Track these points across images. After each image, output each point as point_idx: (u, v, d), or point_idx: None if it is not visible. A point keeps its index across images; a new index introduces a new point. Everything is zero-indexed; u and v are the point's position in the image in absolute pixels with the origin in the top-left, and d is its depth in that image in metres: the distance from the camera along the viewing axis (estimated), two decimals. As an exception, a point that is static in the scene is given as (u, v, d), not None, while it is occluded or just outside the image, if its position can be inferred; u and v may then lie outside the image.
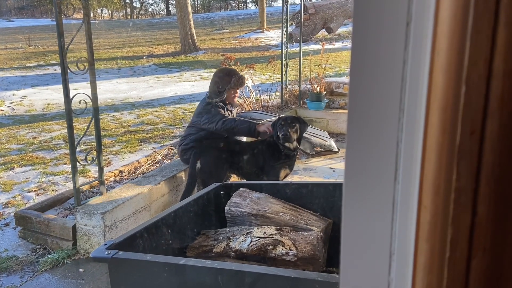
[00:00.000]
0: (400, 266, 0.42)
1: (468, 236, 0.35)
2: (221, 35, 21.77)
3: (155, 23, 30.57)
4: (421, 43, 0.38)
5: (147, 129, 6.54)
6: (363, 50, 0.40)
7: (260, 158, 3.58)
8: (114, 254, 1.59)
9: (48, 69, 13.29)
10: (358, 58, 0.40)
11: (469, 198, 0.34)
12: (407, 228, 0.41)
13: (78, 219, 3.25)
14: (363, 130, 0.41)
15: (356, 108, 0.41)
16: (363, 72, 0.40)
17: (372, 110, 0.41)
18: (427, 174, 0.38)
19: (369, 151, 0.42)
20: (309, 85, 6.75)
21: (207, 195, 2.30)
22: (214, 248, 1.97)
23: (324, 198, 2.27)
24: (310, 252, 1.78)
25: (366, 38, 0.40)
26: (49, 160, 5.20)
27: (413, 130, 0.40)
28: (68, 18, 3.29)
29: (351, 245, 0.45)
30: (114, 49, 17.89)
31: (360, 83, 0.41)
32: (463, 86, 0.33)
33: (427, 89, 0.37)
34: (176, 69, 13.26)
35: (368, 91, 0.41)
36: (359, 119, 0.41)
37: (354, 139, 0.42)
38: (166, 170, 4.07)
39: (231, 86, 3.82)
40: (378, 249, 0.43)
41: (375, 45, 0.40)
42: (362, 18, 0.39)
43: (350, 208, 0.44)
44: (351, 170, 0.43)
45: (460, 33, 0.33)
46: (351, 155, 0.42)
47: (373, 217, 0.43)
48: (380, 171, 0.42)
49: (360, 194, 0.43)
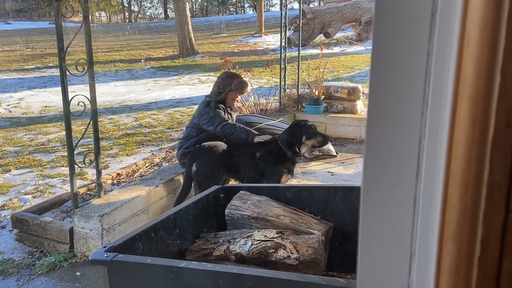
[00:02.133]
0: (421, 267, 0.40)
1: (501, 234, 0.33)
2: (219, 39, 21.80)
3: (153, 26, 30.59)
4: (447, 34, 0.36)
5: (145, 132, 6.52)
6: (384, 43, 0.39)
7: (260, 163, 3.56)
8: (114, 256, 1.56)
9: (46, 71, 13.24)
10: (379, 51, 0.39)
11: (502, 194, 0.32)
12: (429, 228, 0.40)
13: (75, 222, 3.21)
14: (383, 125, 0.40)
15: (376, 102, 0.40)
16: (385, 65, 0.39)
17: (394, 105, 0.39)
18: (454, 171, 0.36)
19: (390, 148, 0.40)
20: (307, 89, 6.74)
21: (206, 198, 2.28)
22: (214, 251, 1.94)
23: (325, 202, 2.25)
24: (312, 256, 1.76)
25: (388, 30, 0.38)
26: (46, 162, 5.16)
27: (437, 125, 0.38)
28: (67, 21, 3.27)
29: (369, 245, 0.43)
30: (112, 52, 17.87)
31: (381, 76, 0.39)
32: (498, 76, 0.31)
33: (454, 81, 0.36)
34: (174, 72, 13.25)
35: (390, 85, 0.39)
36: (379, 114, 0.40)
37: (374, 135, 0.40)
38: (164, 173, 4.04)
39: (231, 88, 3.82)
40: (398, 250, 0.42)
41: (397, 37, 0.38)
42: (384, 9, 0.38)
43: (368, 207, 0.42)
44: (370, 167, 0.41)
45: (493, 21, 0.31)
46: (370, 151, 0.41)
47: (392, 216, 0.41)
48: (401, 168, 0.40)
49: (379, 192, 0.41)
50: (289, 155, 3.51)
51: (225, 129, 3.65)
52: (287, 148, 3.50)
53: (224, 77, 3.90)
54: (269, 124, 5.23)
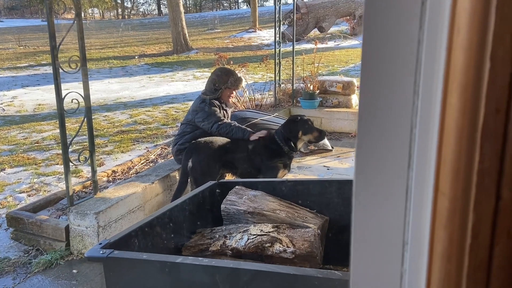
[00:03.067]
0: (414, 256, 0.40)
1: (491, 221, 0.33)
2: (213, 34, 21.72)
3: (146, 23, 30.43)
4: (438, 22, 0.36)
5: (140, 129, 6.49)
6: (375, 31, 0.38)
7: (257, 158, 3.56)
8: (109, 253, 1.56)
9: (39, 69, 13.15)
10: (370, 40, 0.39)
11: (493, 181, 0.32)
12: (421, 217, 0.40)
13: (71, 219, 3.20)
14: (375, 115, 0.40)
15: (368, 92, 0.39)
16: (375, 54, 0.39)
17: (385, 94, 0.39)
18: (445, 158, 0.36)
19: (381, 137, 0.40)
20: (302, 84, 6.74)
21: (202, 193, 2.27)
22: (210, 246, 1.94)
23: (321, 195, 2.26)
24: (308, 249, 1.77)
25: (378, 18, 0.38)
26: (41, 160, 5.14)
27: (428, 114, 0.38)
28: (59, 18, 3.24)
29: (362, 235, 0.43)
30: (106, 49, 17.77)
31: (372, 65, 0.39)
32: (488, 62, 0.31)
33: (445, 69, 0.35)
34: (169, 68, 13.20)
35: (381, 74, 0.39)
36: (371, 104, 0.40)
37: (366, 124, 0.40)
38: (159, 170, 4.04)
39: (227, 85, 3.81)
40: (391, 239, 0.42)
41: (388, 26, 0.38)
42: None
43: (361, 197, 0.42)
44: (362, 157, 0.41)
45: (483, 7, 0.31)
46: (362, 141, 0.41)
47: (385, 205, 0.41)
48: (392, 158, 0.40)
49: (372, 182, 0.41)
50: (286, 150, 3.52)
51: (220, 128, 3.65)
52: (283, 143, 3.50)
53: (219, 74, 3.87)
54: (264, 119, 5.23)
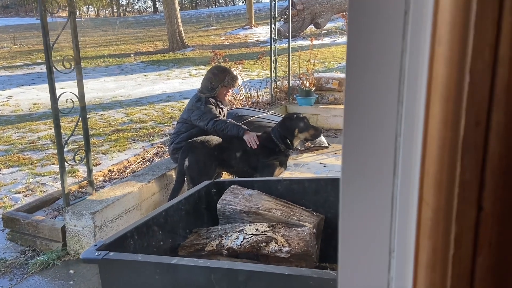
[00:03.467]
0: (400, 264, 0.41)
1: (474, 232, 0.33)
2: (209, 31, 21.66)
3: (142, 20, 30.31)
4: (420, 32, 0.36)
5: (136, 128, 6.48)
6: (359, 40, 0.38)
7: (253, 157, 3.56)
8: (105, 255, 1.56)
9: (34, 68, 13.09)
10: (354, 48, 0.39)
11: (474, 192, 0.33)
12: (407, 225, 0.40)
13: (67, 220, 3.20)
14: (360, 123, 0.40)
15: (353, 100, 0.40)
16: (360, 62, 0.39)
17: (370, 102, 0.39)
18: (428, 169, 0.36)
19: (367, 145, 0.40)
20: (298, 81, 6.73)
21: (198, 193, 2.27)
22: (206, 246, 1.94)
23: (316, 194, 2.26)
24: (303, 248, 1.77)
25: (362, 28, 0.38)
26: (37, 160, 5.12)
27: (412, 122, 0.38)
28: (54, 16, 3.22)
29: (349, 242, 0.43)
30: (101, 47, 17.69)
31: (356, 74, 0.39)
32: (467, 76, 0.31)
33: (427, 80, 0.36)
34: (165, 66, 13.16)
35: (365, 83, 0.39)
36: (356, 111, 0.40)
37: (351, 132, 0.40)
38: (156, 169, 4.03)
39: (224, 83, 3.80)
40: (377, 247, 0.42)
41: (372, 35, 0.38)
42: (358, 7, 0.38)
43: (347, 204, 0.43)
44: (349, 164, 0.41)
45: (462, 20, 0.31)
46: (348, 149, 0.41)
47: (371, 213, 0.42)
48: (378, 166, 0.40)
49: (358, 189, 0.42)
50: (282, 148, 3.52)
51: (216, 125, 3.64)
52: (280, 141, 3.50)
53: (216, 72, 3.86)
54: (261, 117, 5.23)
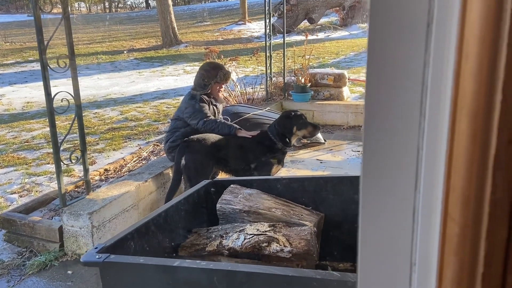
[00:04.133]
0: (422, 278, 0.40)
1: (504, 251, 0.33)
2: (202, 27, 21.55)
3: (134, 16, 30.09)
4: (444, 46, 0.36)
5: (131, 126, 6.44)
6: (380, 52, 0.38)
7: (250, 154, 3.56)
8: (106, 257, 1.55)
9: (26, 66, 12.96)
10: (375, 60, 0.38)
11: (506, 211, 0.32)
12: (429, 239, 0.39)
13: (64, 220, 3.18)
14: (381, 135, 0.39)
15: (373, 112, 0.39)
16: (380, 74, 0.38)
17: (390, 114, 0.39)
18: (454, 185, 0.36)
19: (387, 157, 0.40)
20: (293, 77, 6.72)
21: (197, 193, 2.26)
22: (207, 246, 1.94)
23: (316, 192, 2.26)
24: (305, 247, 1.77)
25: (383, 40, 0.37)
26: (32, 160, 5.08)
27: (435, 136, 0.38)
28: (45, 13, 3.18)
29: (369, 254, 0.42)
30: (94, 44, 17.55)
31: (377, 85, 0.38)
32: (499, 94, 0.30)
33: (453, 94, 0.35)
34: (158, 63, 13.08)
35: (386, 94, 0.38)
36: (376, 124, 0.39)
37: (371, 144, 0.39)
38: (153, 167, 4.01)
39: (216, 80, 3.78)
40: (398, 259, 0.41)
41: (393, 47, 0.37)
42: (379, 18, 0.37)
43: (368, 216, 0.42)
44: (369, 176, 0.41)
45: (493, 35, 0.30)
46: (369, 161, 0.40)
47: (392, 226, 0.41)
48: (399, 179, 0.40)
49: (379, 201, 0.41)
50: (280, 145, 3.51)
51: (206, 124, 3.63)
52: (277, 139, 3.50)
53: (208, 68, 3.84)
54: (256, 113, 5.22)
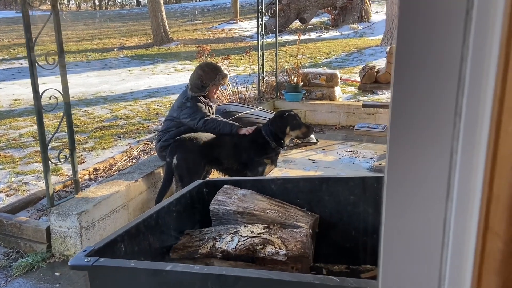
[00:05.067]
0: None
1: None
2: (194, 26, 21.42)
3: (125, 14, 29.81)
4: (486, 36, 0.31)
5: (121, 124, 6.35)
6: (410, 44, 0.33)
7: (243, 154, 3.51)
8: (95, 261, 1.49)
9: (14, 63, 12.75)
10: (404, 53, 0.33)
11: None
12: (463, 255, 0.35)
13: (52, 220, 3.10)
14: (408, 136, 0.35)
15: (401, 111, 0.34)
16: (410, 69, 0.34)
17: (420, 113, 0.34)
18: (498, 194, 0.32)
19: (415, 162, 0.35)
20: (286, 76, 6.69)
21: (189, 193, 2.21)
22: (199, 249, 1.89)
23: (311, 193, 2.22)
24: (300, 250, 1.73)
25: (413, 29, 0.33)
26: (19, 158, 4.97)
27: (473, 138, 0.33)
28: (34, 9, 3.10)
29: (393, 268, 0.38)
30: (83, 41, 17.33)
31: (406, 81, 0.34)
32: None
33: (496, 91, 0.31)
34: (149, 61, 12.96)
35: (416, 91, 0.34)
36: (403, 124, 0.35)
37: (398, 147, 0.35)
38: (143, 167, 3.94)
39: (215, 82, 3.71)
40: (425, 277, 0.37)
41: (424, 38, 0.33)
42: (410, 6, 0.33)
43: (392, 226, 0.38)
44: (394, 183, 0.36)
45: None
46: (394, 165, 0.36)
47: (419, 239, 0.37)
48: (428, 186, 0.36)
49: (404, 211, 0.37)
50: (273, 145, 3.47)
51: (207, 124, 3.57)
52: (271, 138, 3.45)
53: (206, 70, 3.76)
54: (249, 113, 5.17)
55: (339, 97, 6.95)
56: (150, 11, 16.23)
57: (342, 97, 7.13)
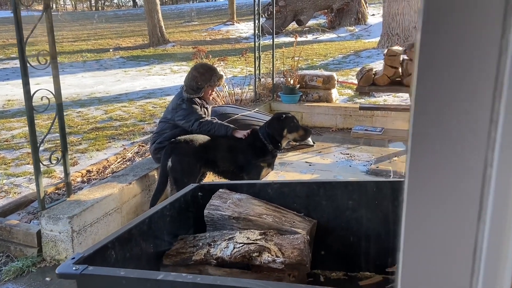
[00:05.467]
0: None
1: None
2: (190, 27, 21.36)
3: (121, 14, 29.72)
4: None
5: (115, 125, 6.27)
6: (437, 37, 0.28)
7: (240, 157, 3.45)
8: (83, 269, 1.42)
9: (8, 63, 12.64)
10: (429, 48, 0.28)
11: None
12: (496, 285, 0.30)
13: (43, 224, 3.03)
14: (432, 146, 0.30)
15: (425, 116, 0.29)
16: (437, 67, 0.28)
17: (447, 120, 0.29)
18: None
19: (441, 177, 0.30)
20: (282, 78, 6.65)
21: (184, 197, 2.15)
22: (193, 255, 1.82)
23: (308, 198, 2.17)
24: (298, 257, 1.67)
25: (443, 21, 0.28)
26: (11, 160, 4.89)
27: (511, 150, 0.28)
28: (30, 9, 3.04)
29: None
30: (79, 41, 17.23)
31: (431, 81, 0.29)
32: None
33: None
34: (145, 62, 12.88)
35: (442, 93, 0.29)
36: (428, 132, 0.29)
37: (420, 157, 0.30)
38: (137, 169, 3.88)
39: (210, 84, 3.65)
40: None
41: (455, 30, 0.28)
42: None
43: (412, 248, 0.32)
44: (414, 202, 0.31)
45: None
46: (415, 181, 0.30)
47: (444, 264, 0.31)
48: (456, 206, 0.30)
49: (426, 233, 0.31)
50: (270, 148, 3.41)
51: (202, 126, 3.51)
52: (268, 141, 3.39)
53: (201, 71, 3.69)
54: (245, 115, 5.12)
55: (336, 99, 6.91)
56: (146, 12, 16.16)
57: (339, 99, 7.09)
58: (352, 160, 5.06)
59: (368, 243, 2.10)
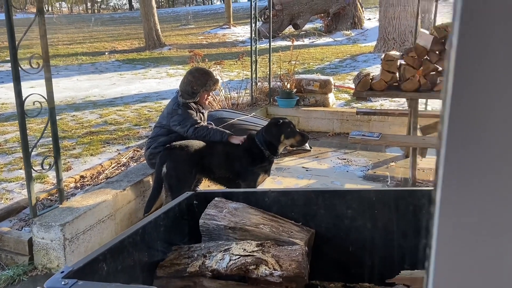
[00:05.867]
0: None
1: None
2: (186, 30, 21.33)
3: (117, 17, 29.64)
4: None
5: (110, 130, 6.20)
6: (477, 29, 0.23)
7: (236, 163, 3.39)
8: (72, 284, 1.36)
9: (3, 66, 12.54)
10: (467, 39, 0.23)
11: None
12: None
13: (35, 232, 2.96)
14: (473, 153, 0.25)
15: (462, 120, 0.24)
16: (477, 61, 0.24)
17: (489, 121, 0.24)
18: None
19: (482, 187, 0.25)
20: (279, 82, 6.61)
21: (178, 206, 2.09)
22: (188, 267, 1.77)
23: (306, 206, 2.12)
24: (296, 270, 1.62)
25: (486, 19, 0.23)
26: (3, 165, 4.80)
27: None
28: (26, 12, 2.98)
29: None
30: (74, 44, 17.13)
31: (470, 77, 0.24)
32: None
33: None
34: (141, 65, 12.81)
35: (487, 95, 0.24)
36: (465, 137, 0.24)
37: (457, 164, 0.25)
38: (132, 175, 3.82)
39: (206, 88, 3.59)
40: None
41: (496, 18, 0.23)
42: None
43: (445, 260, 0.27)
44: (448, 213, 0.26)
45: None
46: (450, 187, 0.25)
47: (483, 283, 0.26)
48: (496, 216, 0.25)
49: (462, 244, 0.26)
50: (267, 154, 3.36)
51: (197, 131, 3.45)
52: (264, 147, 3.34)
53: (197, 75, 3.63)
54: (241, 119, 5.07)
55: (333, 103, 6.88)
56: (142, 15, 16.11)
57: (335, 104, 7.06)
58: (349, 165, 5.02)
59: (368, 253, 2.05)
